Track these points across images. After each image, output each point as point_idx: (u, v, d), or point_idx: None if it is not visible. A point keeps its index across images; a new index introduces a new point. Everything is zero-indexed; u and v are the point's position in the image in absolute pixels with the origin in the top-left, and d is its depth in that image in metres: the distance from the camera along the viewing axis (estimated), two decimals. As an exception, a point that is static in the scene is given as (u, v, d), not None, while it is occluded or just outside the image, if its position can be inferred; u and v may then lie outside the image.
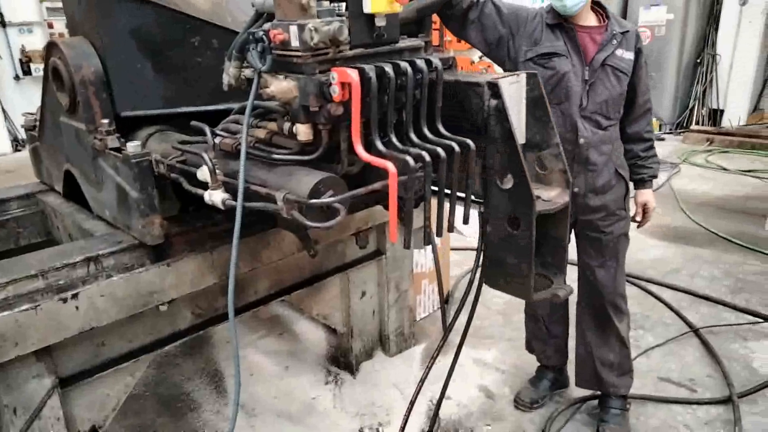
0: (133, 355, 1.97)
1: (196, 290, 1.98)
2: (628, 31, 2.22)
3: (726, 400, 2.73)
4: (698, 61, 8.18)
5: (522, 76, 1.44)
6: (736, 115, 7.90)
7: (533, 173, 1.53)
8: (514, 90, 1.41)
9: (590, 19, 2.23)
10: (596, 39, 2.20)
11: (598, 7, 2.27)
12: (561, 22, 2.19)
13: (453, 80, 1.45)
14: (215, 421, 2.71)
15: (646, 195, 2.45)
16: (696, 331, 3.30)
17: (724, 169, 6.52)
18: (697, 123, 8.20)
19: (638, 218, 2.49)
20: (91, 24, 1.89)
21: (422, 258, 3.32)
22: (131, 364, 1.97)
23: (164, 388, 2.93)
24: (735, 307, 3.54)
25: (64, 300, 1.68)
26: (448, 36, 5.64)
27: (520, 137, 1.45)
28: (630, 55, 2.21)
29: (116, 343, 1.93)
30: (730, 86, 7.92)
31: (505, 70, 2.28)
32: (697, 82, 8.17)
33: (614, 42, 2.19)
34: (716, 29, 7.98)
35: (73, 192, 2.27)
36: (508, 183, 1.38)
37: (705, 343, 3.18)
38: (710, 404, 2.73)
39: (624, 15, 8.39)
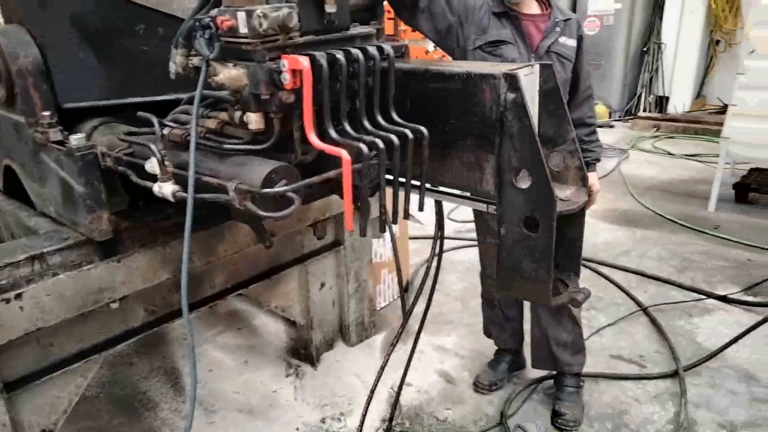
0: (84, 356, 1.91)
1: (148, 286, 1.93)
2: (569, 19, 2.29)
3: (673, 374, 2.86)
4: (645, 49, 8.45)
5: (536, 68, 1.36)
6: (680, 101, 8.21)
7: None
8: (528, 82, 1.32)
9: (533, 8, 2.29)
10: (540, 27, 2.26)
11: None
12: (506, 11, 2.24)
13: (464, 72, 1.36)
14: (173, 419, 2.66)
15: (591, 178, 2.53)
16: (645, 310, 3.43)
17: (670, 154, 6.78)
18: (645, 110, 8.48)
19: None
20: (29, 11, 1.80)
21: (381, 247, 3.33)
22: (82, 364, 1.91)
23: (119, 388, 2.85)
24: (681, 286, 3.70)
25: (7, 300, 1.61)
26: (404, 25, 5.64)
27: (535, 132, 1.38)
28: (573, 42, 2.28)
29: (65, 343, 1.87)
30: (675, 74, 8.21)
31: (454, 59, 2.31)
32: (644, 70, 8.44)
33: (557, 29, 2.25)
34: (661, 18, 8.25)
35: (14, 188, 2.17)
36: (525, 182, 1.30)
37: (653, 321, 3.32)
38: (658, 378, 2.85)
39: (574, 4, 8.57)
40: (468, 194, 1.54)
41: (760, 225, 4.59)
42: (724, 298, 3.51)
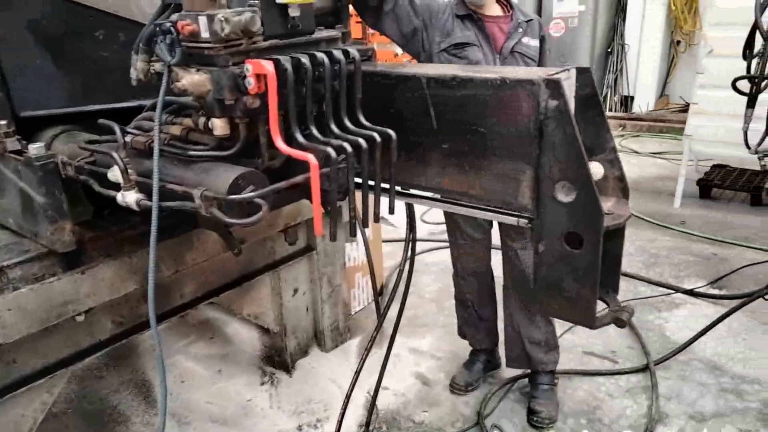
0: (50, 371, 1.85)
1: (115, 298, 1.89)
2: (531, 20, 2.33)
3: (644, 368, 2.91)
4: (609, 50, 8.62)
5: (572, 72, 1.26)
6: (645, 101, 8.40)
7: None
8: (567, 87, 1.23)
9: (495, 9, 2.32)
10: (503, 28, 2.29)
11: None
12: (469, 13, 2.26)
13: (497, 78, 1.24)
14: (146, 432, 2.60)
15: None
16: (615, 306, 3.49)
17: (636, 152, 6.92)
18: (611, 110, 8.65)
19: None
20: (-19, 16, 1.74)
21: (354, 251, 3.32)
22: (47, 380, 1.85)
23: (88, 403, 2.78)
24: (649, 281, 3.78)
25: (-35, 317, 1.55)
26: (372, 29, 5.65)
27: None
28: (535, 43, 2.31)
29: (29, 359, 1.81)
30: (639, 74, 8.40)
31: (419, 61, 2.32)
32: (609, 71, 8.62)
33: (520, 30, 2.28)
34: (624, 20, 8.43)
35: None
36: (569, 195, 1.19)
37: (624, 317, 3.38)
38: (630, 373, 2.90)
39: (539, 7, 8.70)
40: (438, 196, 1.53)
41: (724, 220, 4.72)
42: (691, 292, 3.60)
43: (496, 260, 2.66)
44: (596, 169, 1.27)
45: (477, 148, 1.33)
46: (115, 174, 1.43)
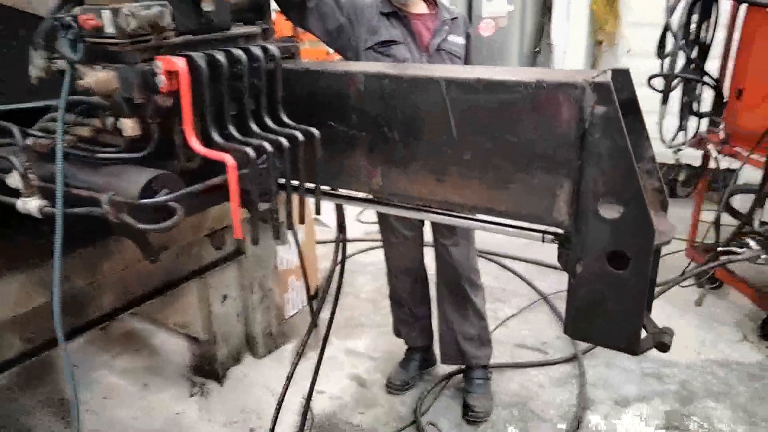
0: (-52, 396, 1.70)
1: (22, 312, 1.75)
2: (456, 18, 2.34)
3: (572, 358, 3.02)
4: (537, 50, 8.91)
5: (608, 74, 1.12)
6: (569, 100, 8.73)
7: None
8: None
9: (421, 7, 2.32)
10: (429, 26, 2.29)
11: None
12: (395, 11, 2.25)
13: (533, 81, 1.10)
14: (65, 454, 2.44)
15: None
16: (545, 298, 3.60)
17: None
18: (538, 109, 8.94)
19: None
20: None
21: (287, 254, 3.25)
22: (-54, 406, 1.70)
23: (-1, 426, 2.58)
24: (576, 274, 3.92)
25: None
26: (301, 27, 5.56)
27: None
28: (461, 40, 2.33)
29: (-77, 384, 1.65)
30: (564, 74, 8.73)
31: (346, 59, 2.29)
32: (536, 71, 8.91)
33: (446, 28, 2.29)
34: (550, 20, 8.74)
35: None
36: (614, 211, 1.08)
37: (553, 308, 3.49)
38: (560, 363, 3.00)
39: (469, 7, 8.87)
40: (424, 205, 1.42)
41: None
42: (614, 282, 3.76)
43: (430, 258, 2.67)
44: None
45: (508, 158, 1.19)
46: (14, 179, 1.32)
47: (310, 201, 1.50)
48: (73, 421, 1.27)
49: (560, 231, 1.20)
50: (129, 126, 1.23)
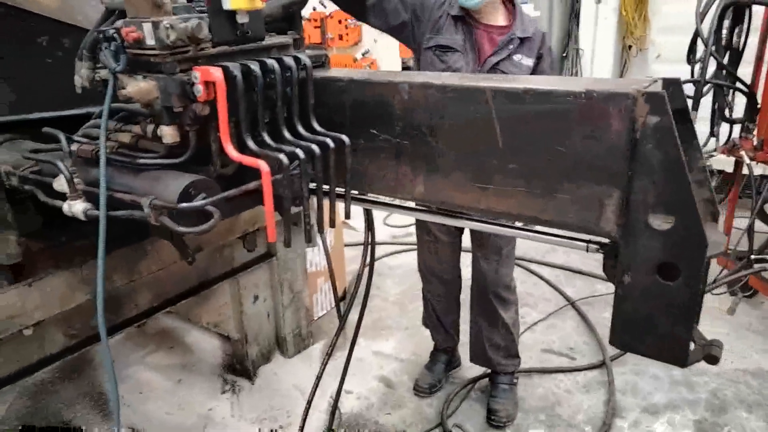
0: (-4, 387, 1.79)
1: (66, 310, 1.84)
2: (531, 37, 2.14)
3: (600, 364, 2.99)
4: (564, 55, 8.83)
5: (659, 83, 1.12)
6: (599, 103, 8.61)
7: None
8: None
9: (497, 18, 2.15)
10: (495, 40, 2.13)
11: (510, 6, 2.18)
12: (464, 15, 2.11)
13: (582, 91, 1.09)
14: (102, 447, 2.53)
15: None
16: (573, 304, 3.58)
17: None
18: (567, 112, 8.84)
19: None
20: None
21: (316, 257, 3.31)
22: (-6, 397, 1.79)
23: (40, 418, 2.68)
24: (605, 279, 3.87)
25: None
26: (330, 33, 5.64)
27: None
28: (529, 62, 2.13)
29: (-26, 375, 1.74)
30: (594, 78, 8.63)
31: (413, 53, 2.23)
32: (564, 75, 8.82)
33: (511, 46, 2.10)
34: (577, 25, 8.65)
35: None
36: (666, 223, 1.07)
37: (581, 314, 3.47)
38: (587, 369, 2.98)
39: (497, 11, 8.85)
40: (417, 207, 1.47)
41: (675, 217, 4.88)
42: (644, 288, 3.71)
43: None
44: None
45: (555, 168, 1.19)
46: (60, 183, 1.39)
47: (340, 205, 1.54)
48: (115, 414, 1.34)
49: (606, 241, 1.20)
50: (169, 133, 1.29)
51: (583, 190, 1.16)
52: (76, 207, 1.37)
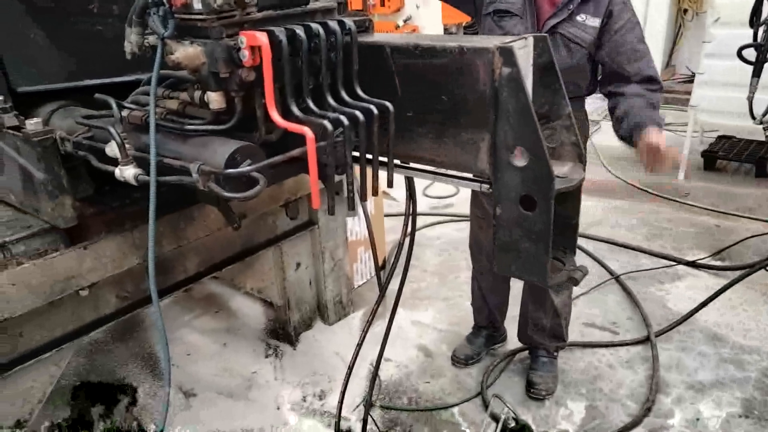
0: (56, 345, 1.89)
1: (118, 272, 1.91)
2: None
3: (645, 340, 2.93)
4: (614, 20, 8.46)
5: (529, 40, 1.30)
6: (651, 71, 8.25)
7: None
8: (522, 55, 1.25)
9: None
10: (555, 1, 2.01)
11: None
12: None
13: (456, 47, 1.27)
14: (153, 404, 2.65)
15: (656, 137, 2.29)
16: (617, 278, 3.50)
17: (641, 124, 6.83)
18: (616, 81, 8.51)
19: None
20: (-27, -9, 1.72)
21: (356, 226, 3.33)
22: (54, 353, 1.88)
23: (96, 375, 2.82)
24: (651, 253, 3.78)
25: (-30, 291, 1.57)
26: (373, 0, 5.56)
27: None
28: (595, 22, 1.98)
29: (35, 333, 1.84)
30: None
31: (474, 20, 2.20)
32: (615, 41, 8.46)
33: (571, 6, 1.97)
34: (630, -13, 8.25)
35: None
36: (522, 160, 1.25)
37: (625, 288, 3.39)
38: (631, 344, 2.92)
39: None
40: (446, 171, 1.51)
41: (727, 192, 4.69)
42: (693, 264, 3.60)
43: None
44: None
45: (443, 116, 1.38)
46: (112, 149, 1.43)
47: (381, 174, 1.53)
48: (166, 374, 1.39)
49: (484, 179, 1.38)
50: (215, 99, 1.30)
51: (463, 134, 1.36)
52: (128, 172, 1.40)
